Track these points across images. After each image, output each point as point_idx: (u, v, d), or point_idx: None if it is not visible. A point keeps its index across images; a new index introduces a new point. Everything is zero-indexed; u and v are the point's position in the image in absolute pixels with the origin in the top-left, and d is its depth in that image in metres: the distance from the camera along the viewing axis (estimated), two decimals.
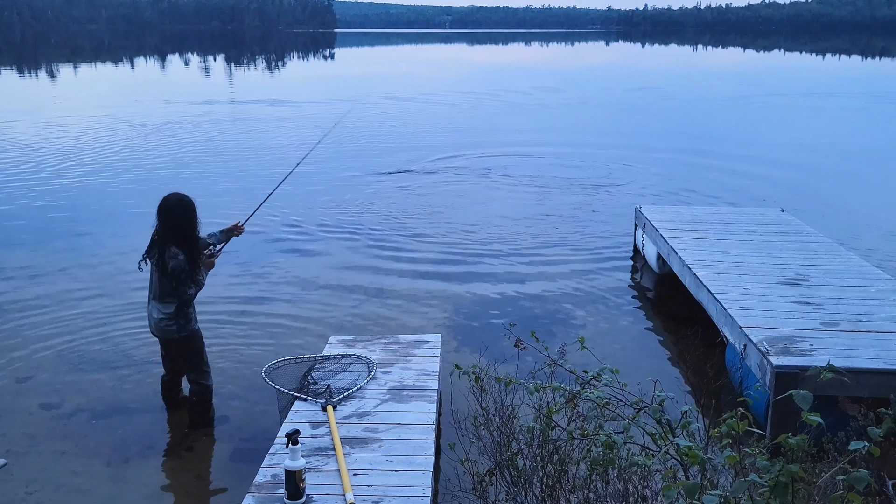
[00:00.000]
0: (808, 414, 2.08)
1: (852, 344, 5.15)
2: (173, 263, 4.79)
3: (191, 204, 4.91)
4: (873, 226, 10.75)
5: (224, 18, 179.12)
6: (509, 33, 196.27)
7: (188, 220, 4.87)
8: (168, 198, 4.90)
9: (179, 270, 4.81)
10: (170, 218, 4.84)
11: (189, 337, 5.08)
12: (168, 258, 4.80)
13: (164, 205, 4.87)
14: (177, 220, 4.84)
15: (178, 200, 4.88)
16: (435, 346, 5.66)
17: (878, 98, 30.03)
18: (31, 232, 10.32)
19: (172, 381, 5.47)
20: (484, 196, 12.59)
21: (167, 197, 4.92)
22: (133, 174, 14.02)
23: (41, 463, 4.88)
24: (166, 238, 4.83)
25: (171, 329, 5.00)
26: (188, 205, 4.89)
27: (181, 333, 5.03)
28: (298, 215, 11.14)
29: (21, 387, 5.92)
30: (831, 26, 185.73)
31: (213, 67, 50.83)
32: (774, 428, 4.64)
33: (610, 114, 25.16)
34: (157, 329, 5.05)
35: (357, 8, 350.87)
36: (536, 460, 3.44)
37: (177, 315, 4.96)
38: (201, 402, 5.26)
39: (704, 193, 12.62)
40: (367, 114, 22.92)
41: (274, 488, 3.79)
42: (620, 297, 8.00)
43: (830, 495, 2.05)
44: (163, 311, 4.95)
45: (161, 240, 4.86)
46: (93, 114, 22.34)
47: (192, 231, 4.92)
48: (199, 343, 5.19)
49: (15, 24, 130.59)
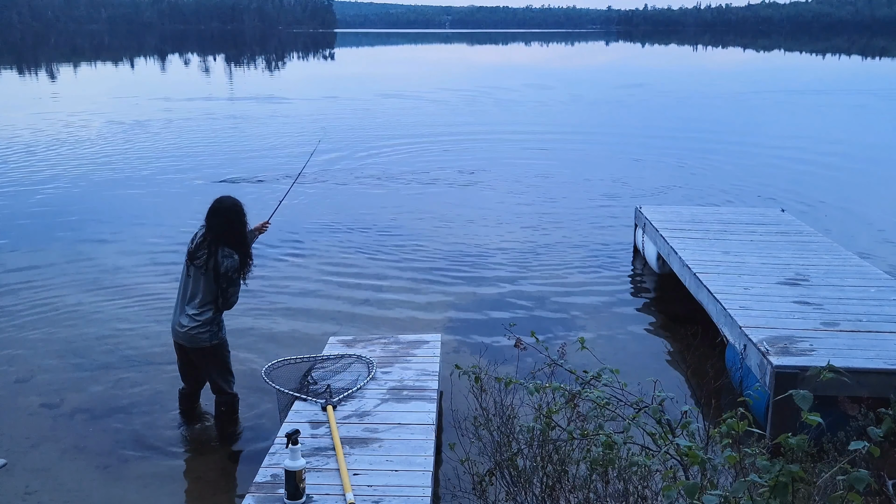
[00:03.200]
0: (808, 414, 2.08)
1: (852, 344, 5.15)
2: (229, 262, 4.84)
3: (242, 206, 4.98)
4: (874, 226, 10.76)
5: (224, 18, 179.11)
6: (509, 33, 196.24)
7: (241, 222, 4.94)
8: (222, 200, 4.96)
9: (234, 270, 4.87)
10: (224, 220, 4.88)
11: (220, 345, 5.05)
12: (222, 258, 4.83)
13: (218, 207, 4.91)
14: (231, 222, 4.89)
15: (232, 203, 4.95)
16: (435, 346, 5.66)
17: (876, 95, 30.04)
18: (31, 231, 10.32)
19: (193, 393, 5.36)
20: (484, 196, 12.59)
21: (221, 199, 4.97)
22: (132, 174, 14.02)
23: (41, 463, 4.88)
24: (220, 239, 4.85)
25: (203, 337, 4.92)
26: (240, 207, 4.96)
27: (213, 341, 4.97)
28: (298, 215, 11.14)
29: (21, 387, 5.92)
30: (831, 26, 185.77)
31: (212, 67, 50.83)
32: (774, 428, 4.64)
33: (608, 113, 25.13)
34: (186, 338, 4.93)
35: (357, 8, 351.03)
36: (536, 460, 3.44)
37: (212, 321, 4.92)
38: (231, 412, 5.22)
39: (704, 193, 12.63)
40: (366, 114, 22.92)
41: (274, 488, 3.78)
42: (620, 298, 7.99)
43: (830, 495, 2.05)
44: (197, 318, 4.87)
45: (214, 241, 4.84)
46: (90, 113, 22.34)
47: (245, 233, 4.99)
48: (227, 352, 5.16)
49: (15, 24, 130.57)
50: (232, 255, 4.86)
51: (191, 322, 4.88)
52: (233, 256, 4.87)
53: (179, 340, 5.01)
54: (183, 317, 4.91)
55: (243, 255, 4.95)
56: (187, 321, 4.89)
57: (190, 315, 4.88)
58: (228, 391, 5.17)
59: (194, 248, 4.88)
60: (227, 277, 4.86)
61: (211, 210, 4.91)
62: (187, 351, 5.05)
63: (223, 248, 4.85)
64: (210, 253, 4.82)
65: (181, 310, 4.94)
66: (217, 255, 4.82)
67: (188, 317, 4.89)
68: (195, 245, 4.89)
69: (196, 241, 4.90)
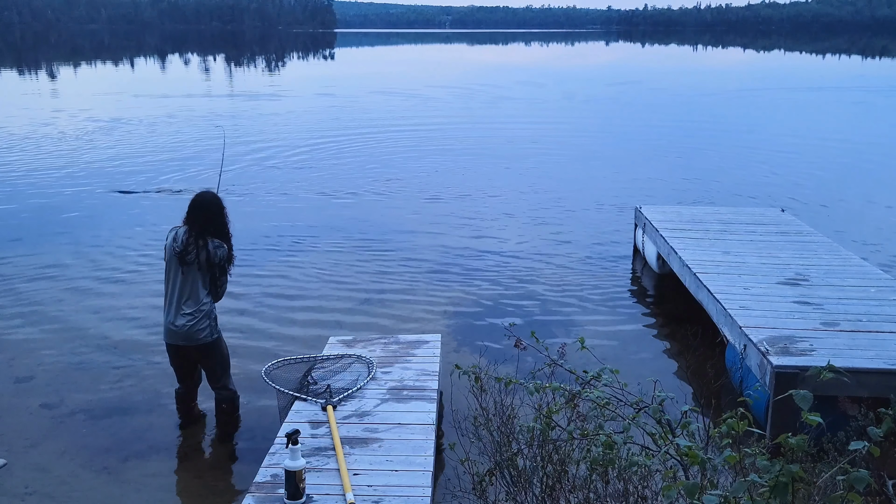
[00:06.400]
0: (808, 414, 2.08)
1: (852, 344, 5.15)
2: (221, 252, 4.97)
3: (220, 199, 5.12)
4: (874, 225, 10.75)
5: (224, 18, 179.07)
6: (509, 33, 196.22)
7: (223, 214, 5.06)
8: (202, 195, 5.06)
9: (226, 259, 5.01)
10: (208, 213, 4.98)
11: (219, 339, 5.12)
12: (214, 248, 4.93)
13: (200, 201, 5.00)
14: (215, 214, 5.00)
15: (213, 196, 5.07)
16: (435, 346, 5.66)
17: (877, 93, 30.03)
18: (30, 230, 10.32)
19: (190, 393, 5.35)
20: (483, 196, 12.58)
21: (201, 194, 5.06)
22: (131, 173, 14.02)
23: (41, 463, 4.88)
24: (206, 232, 4.94)
25: (205, 332, 4.96)
26: (220, 200, 5.09)
27: (213, 336, 5.03)
28: (297, 214, 11.14)
29: (21, 387, 5.92)
30: (831, 26, 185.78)
31: (212, 67, 50.81)
32: (774, 428, 4.64)
33: (608, 113, 25.13)
34: (185, 336, 4.94)
35: (357, 8, 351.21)
36: (536, 460, 3.44)
37: (209, 314, 4.99)
38: (231, 410, 5.24)
39: (704, 193, 12.62)
40: (366, 114, 22.91)
41: (274, 488, 3.78)
42: (620, 297, 7.99)
43: (830, 495, 2.04)
44: (196, 314, 4.91)
45: (200, 234, 4.92)
46: (86, 112, 22.35)
47: (226, 224, 5.09)
48: (226, 347, 5.23)
49: (15, 24, 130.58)
50: (222, 246, 4.99)
51: (190, 319, 4.91)
52: (223, 246, 4.99)
53: (177, 341, 5.01)
54: (179, 316, 4.93)
55: (230, 245, 5.08)
56: (185, 319, 4.91)
57: (188, 313, 4.91)
58: (230, 387, 5.21)
59: (182, 247, 4.91)
60: (221, 267, 5.00)
61: (193, 206, 5.00)
62: (187, 350, 5.05)
63: (212, 240, 4.95)
64: (200, 246, 4.90)
65: (176, 310, 4.95)
66: (208, 247, 4.92)
67: (186, 315, 4.91)
68: (182, 244, 4.91)
69: (182, 240, 4.92)
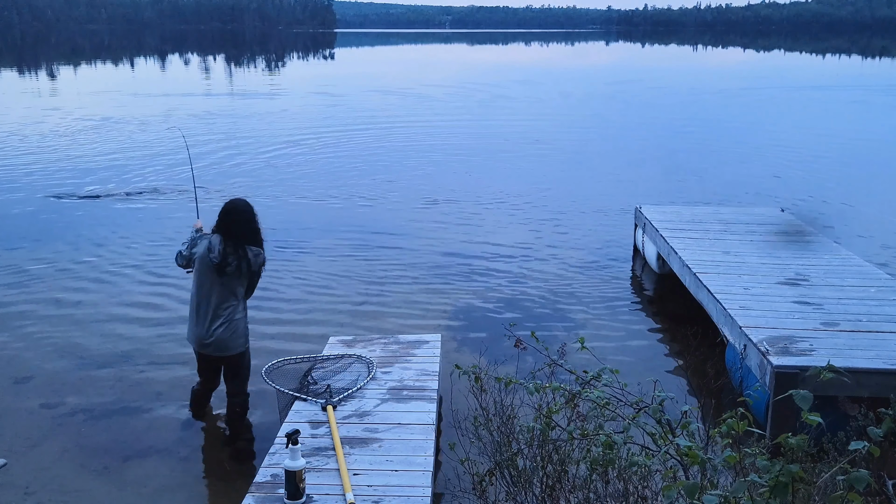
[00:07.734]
0: (808, 414, 2.07)
1: (852, 344, 5.15)
2: (261, 259, 4.98)
3: (252, 206, 5.08)
4: (874, 225, 10.75)
5: (224, 18, 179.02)
6: (509, 33, 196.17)
7: (256, 221, 5.03)
8: (235, 203, 5.01)
9: (263, 266, 5.03)
10: (243, 221, 4.95)
11: (248, 349, 5.12)
12: (254, 256, 4.92)
13: (233, 209, 4.95)
14: (249, 222, 4.97)
15: (245, 203, 5.04)
16: (435, 346, 5.66)
17: (877, 92, 30.03)
18: (31, 231, 10.32)
19: (207, 392, 5.37)
20: (483, 196, 12.58)
21: (233, 202, 5.02)
22: (130, 173, 14.02)
23: (41, 463, 4.88)
24: (244, 239, 4.92)
25: (240, 342, 4.96)
26: (251, 206, 5.06)
27: (246, 345, 5.04)
28: (296, 214, 11.14)
29: (21, 387, 5.92)
30: (831, 26, 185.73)
31: (212, 67, 50.82)
32: (774, 428, 4.64)
33: (608, 112, 25.14)
34: (219, 347, 4.90)
35: (357, 8, 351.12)
36: (536, 460, 3.44)
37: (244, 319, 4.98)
38: (244, 412, 5.23)
39: (704, 193, 12.62)
40: (366, 113, 22.92)
41: (274, 488, 3.79)
42: (620, 297, 7.99)
43: (830, 495, 2.04)
44: (233, 322, 4.88)
45: (238, 241, 4.88)
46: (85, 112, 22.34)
47: (259, 230, 5.06)
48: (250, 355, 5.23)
49: (15, 24, 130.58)
50: (260, 253, 4.99)
51: (227, 329, 4.87)
52: (261, 254, 5.00)
53: (210, 352, 4.96)
54: (215, 327, 4.86)
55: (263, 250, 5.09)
56: (222, 329, 4.86)
57: (225, 322, 4.86)
58: (245, 393, 5.20)
59: (220, 258, 4.82)
60: (258, 273, 5.03)
61: (227, 214, 4.93)
62: (217, 360, 5.04)
63: (250, 248, 4.93)
64: (241, 257, 4.87)
65: (211, 320, 4.86)
66: (248, 256, 4.90)
67: (223, 325, 4.86)
68: (220, 254, 4.82)
69: (218, 251, 4.83)
